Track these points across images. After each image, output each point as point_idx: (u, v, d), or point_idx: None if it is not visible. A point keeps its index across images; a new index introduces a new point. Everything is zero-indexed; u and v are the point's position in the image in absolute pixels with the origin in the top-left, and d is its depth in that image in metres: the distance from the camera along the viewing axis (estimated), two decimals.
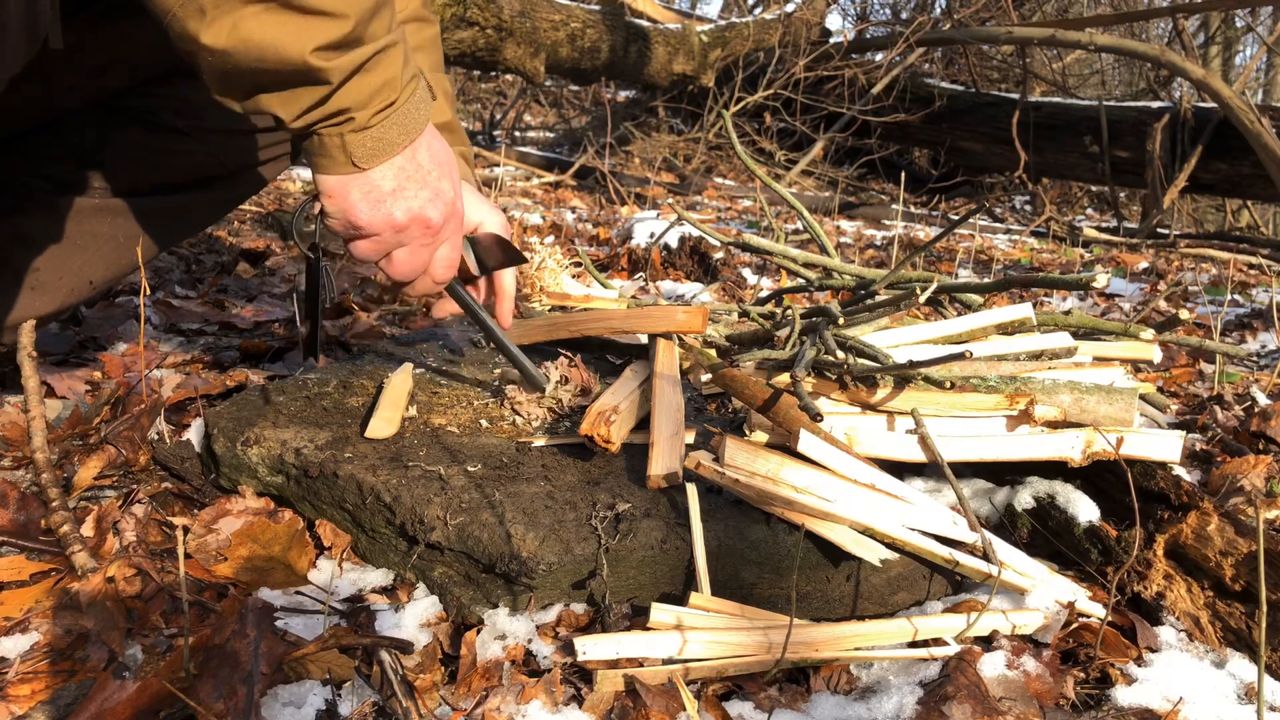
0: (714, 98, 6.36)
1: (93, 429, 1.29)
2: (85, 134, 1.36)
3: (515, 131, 8.16)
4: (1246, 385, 2.10)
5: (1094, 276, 1.15)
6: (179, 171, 1.42)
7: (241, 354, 1.79)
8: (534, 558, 0.94)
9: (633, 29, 5.91)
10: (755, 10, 7.94)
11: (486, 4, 4.83)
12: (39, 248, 1.35)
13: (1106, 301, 3.36)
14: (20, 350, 1.07)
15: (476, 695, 0.85)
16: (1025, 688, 0.89)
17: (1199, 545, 1.03)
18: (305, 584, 1.01)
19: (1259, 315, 3.06)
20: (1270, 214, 8.21)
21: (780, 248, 1.72)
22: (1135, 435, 1.11)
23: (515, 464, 1.10)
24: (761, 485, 0.97)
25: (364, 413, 1.21)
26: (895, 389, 1.12)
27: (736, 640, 0.90)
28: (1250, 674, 0.96)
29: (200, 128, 1.41)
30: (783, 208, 5.60)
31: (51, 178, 1.35)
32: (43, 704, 0.78)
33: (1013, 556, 1.05)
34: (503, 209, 1.50)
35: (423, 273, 1.07)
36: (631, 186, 5.52)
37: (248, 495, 1.10)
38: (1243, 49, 11.30)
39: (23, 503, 1.04)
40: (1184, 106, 5.61)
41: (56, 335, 1.76)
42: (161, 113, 1.39)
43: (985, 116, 6.49)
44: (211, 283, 2.38)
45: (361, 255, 1.03)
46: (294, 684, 0.83)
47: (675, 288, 2.79)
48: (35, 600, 0.92)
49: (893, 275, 1.49)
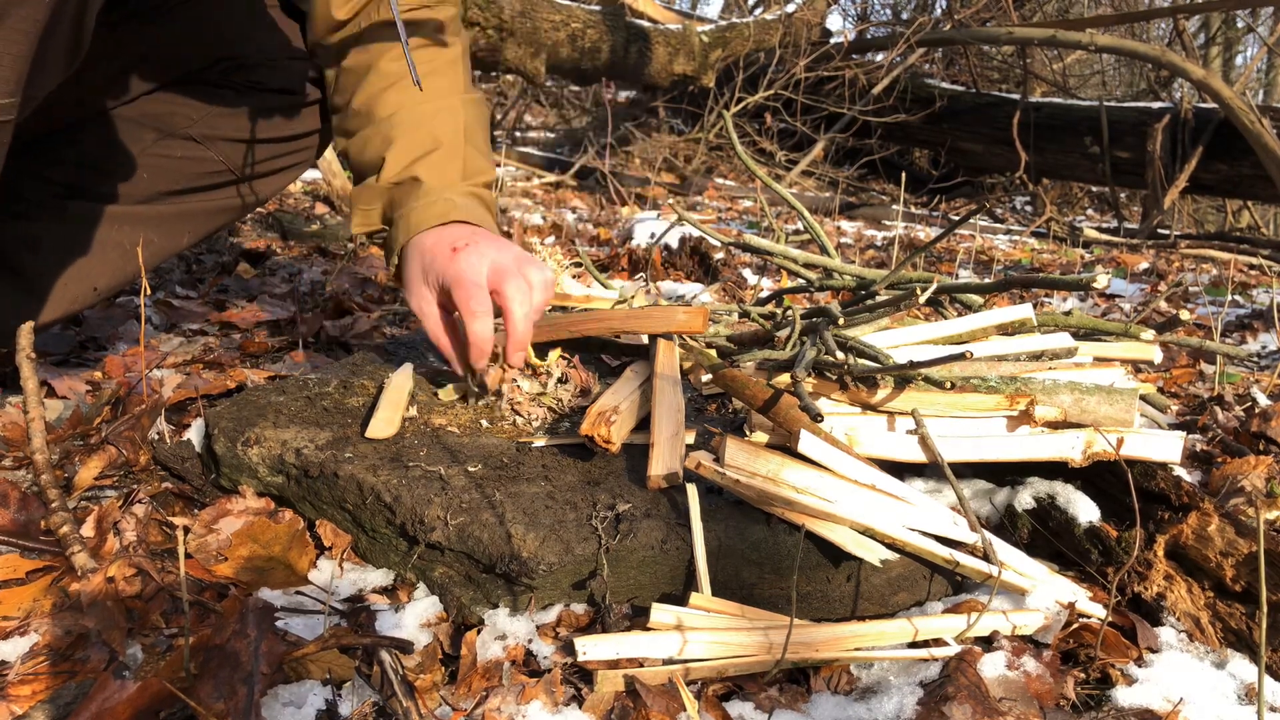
0: (714, 98, 6.36)
1: (93, 429, 1.29)
2: (95, 139, 1.36)
3: (516, 132, 8.16)
4: (1247, 386, 2.10)
5: (1094, 277, 1.15)
6: (188, 179, 1.42)
7: (242, 354, 1.79)
8: (534, 558, 0.94)
9: (633, 29, 5.91)
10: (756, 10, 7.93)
11: (487, 4, 4.84)
12: (46, 253, 1.35)
13: (1107, 302, 3.36)
14: (19, 352, 1.07)
15: (477, 695, 0.85)
16: (1026, 688, 0.89)
17: (1199, 546, 1.03)
18: (306, 584, 1.01)
19: (1259, 316, 3.06)
20: (1271, 214, 8.20)
21: (781, 248, 1.72)
22: (1136, 436, 1.11)
23: (516, 464, 1.10)
24: (762, 485, 0.97)
25: (364, 413, 1.21)
26: (896, 389, 1.12)
27: (737, 640, 0.90)
28: (1250, 674, 0.95)
29: (211, 135, 1.41)
30: (783, 208, 5.61)
31: (60, 183, 1.35)
32: (43, 704, 0.78)
33: (1013, 557, 1.05)
34: (503, 209, 1.50)
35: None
36: (632, 187, 5.52)
37: (248, 495, 1.10)
38: (1243, 50, 11.30)
39: (23, 503, 1.04)
40: (1184, 107, 5.61)
41: (57, 336, 1.76)
42: (173, 119, 1.39)
43: (986, 117, 6.49)
44: (212, 283, 2.38)
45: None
46: (294, 684, 0.83)
47: (676, 288, 2.79)
48: (33, 599, 0.92)
49: (893, 276, 1.49)
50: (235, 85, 1.40)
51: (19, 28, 0.91)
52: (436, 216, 1.22)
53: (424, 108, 1.30)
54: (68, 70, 1.03)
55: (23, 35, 0.91)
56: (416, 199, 1.25)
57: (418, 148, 1.27)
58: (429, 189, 1.25)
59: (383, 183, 1.28)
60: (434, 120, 1.29)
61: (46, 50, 0.95)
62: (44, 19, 0.92)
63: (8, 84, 0.93)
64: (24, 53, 0.92)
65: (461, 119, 1.32)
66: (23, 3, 0.90)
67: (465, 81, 1.37)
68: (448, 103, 1.32)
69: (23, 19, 0.90)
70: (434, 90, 1.32)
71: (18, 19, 0.90)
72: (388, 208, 1.29)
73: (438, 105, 1.31)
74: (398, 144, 1.27)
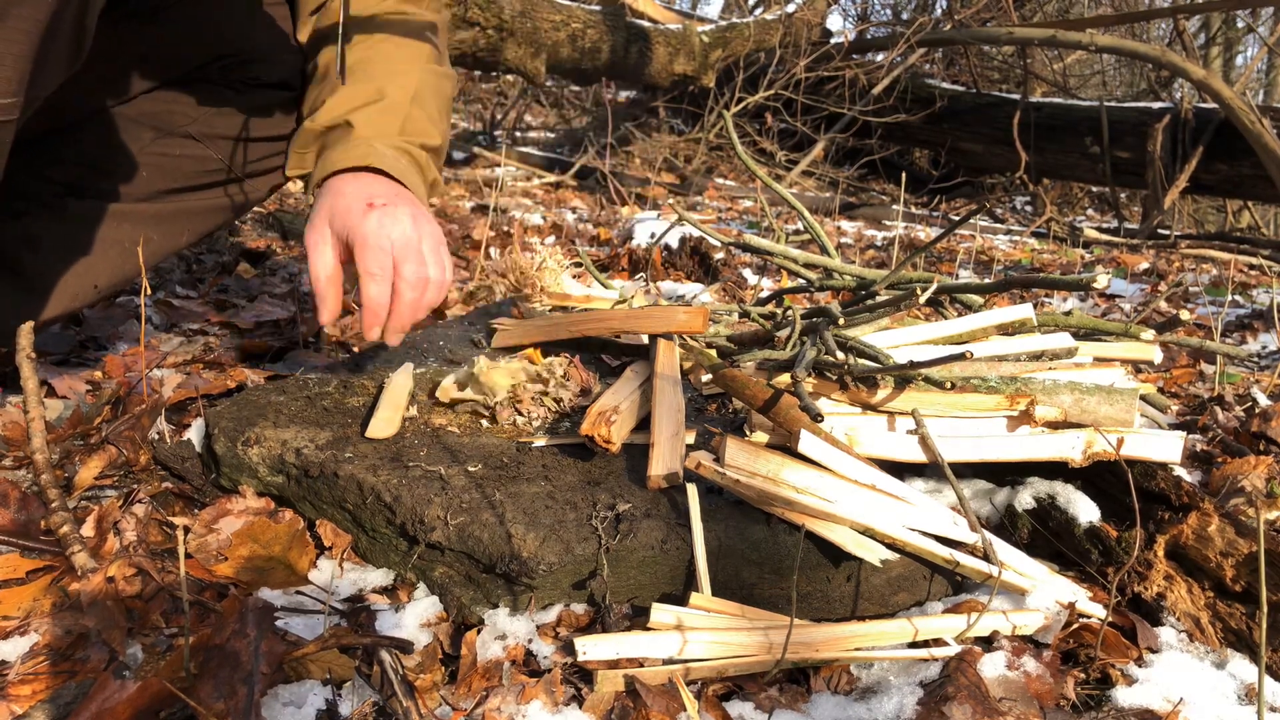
0: (715, 98, 6.36)
1: (93, 429, 1.29)
2: (95, 138, 1.36)
3: (516, 132, 8.16)
4: (1247, 386, 2.10)
5: (1094, 277, 1.15)
6: (187, 176, 1.43)
7: (242, 354, 1.79)
8: (534, 558, 0.94)
9: (633, 29, 5.91)
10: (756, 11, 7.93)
11: (487, 4, 4.84)
12: (45, 251, 1.35)
13: (1107, 302, 3.36)
14: (19, 352, 1.07)
15: (477, 695, 0.85)
16: (1026, 688, 0.89)
17: (1199, 546, 1.03)
18: (306, 584, 1.01)
19: (1259, 316, 3.06)
20: (1271, 215, 8.20)
21: (781, 248, 1.72)
22: (1136, 436, 1.11)
23: (516, 464, 1.10)
24: (762, 486, 0.97)
25: (364, 413, 1.21)
26: (896, 389, 1.12)
27: (737, 640, 0.90)
28: (1250, 675, 0.95)
29: (209, 133, 1.41)
30: (783, 208, 5.60)
31: (60, 181, 1.35)
32: (43, 703, 0.78)
33: (1013, 557, 1.05)
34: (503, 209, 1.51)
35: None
36: (632, 187, 5.52)
37: (248, 495, 1.10)
38: (1244, 50, 11.30)
39: (23, 503, 1.04)
40: (1185, 107, 5.61)
41: (57, 335, 1.76)
42: (171, 118, 1.39)
43: (986, 117, 6.48)
44: (212, 283, 2.38)
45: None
46: (294, 684, 0.83)
47: (676, 288, 2.79)
48: (33, 599, 0.92)
49: (893, 276, 1.49)
50: (233, 83, 1.40)
51: (20, 27, 0.91)
52: (356, 159, 1.20)
53: (377, 66, 1.30)
54: (69, 70, 1.03)
55: (24, 35, 0.91)
56: (344, 142, 1.24)
57: (359, 98, 1.27)
58: (358, 136, 1.24)
59: (317, 125, 1.27)
60: (385, 78, 1.29)
61: (48, 50, 0.95)
62: (45, 19, 0.92)
63: (9, 84, 0.93)
64: (25, 53, 0.92)
65: (415, 82, 1.31)
66: (24, 1, 0.90)
67: (433, 55, 1.37)
68: (405, 67, 1.32)
69: (23, 18, 0.91)
70: (395, 55, 1.32)
71: (18, 18, 0.90)
72: (319, 150, 1.29)
73: (393, 67, 1.31)
74: (341, 92, 1.27)
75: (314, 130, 1.28)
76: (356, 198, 1.16)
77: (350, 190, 1.17)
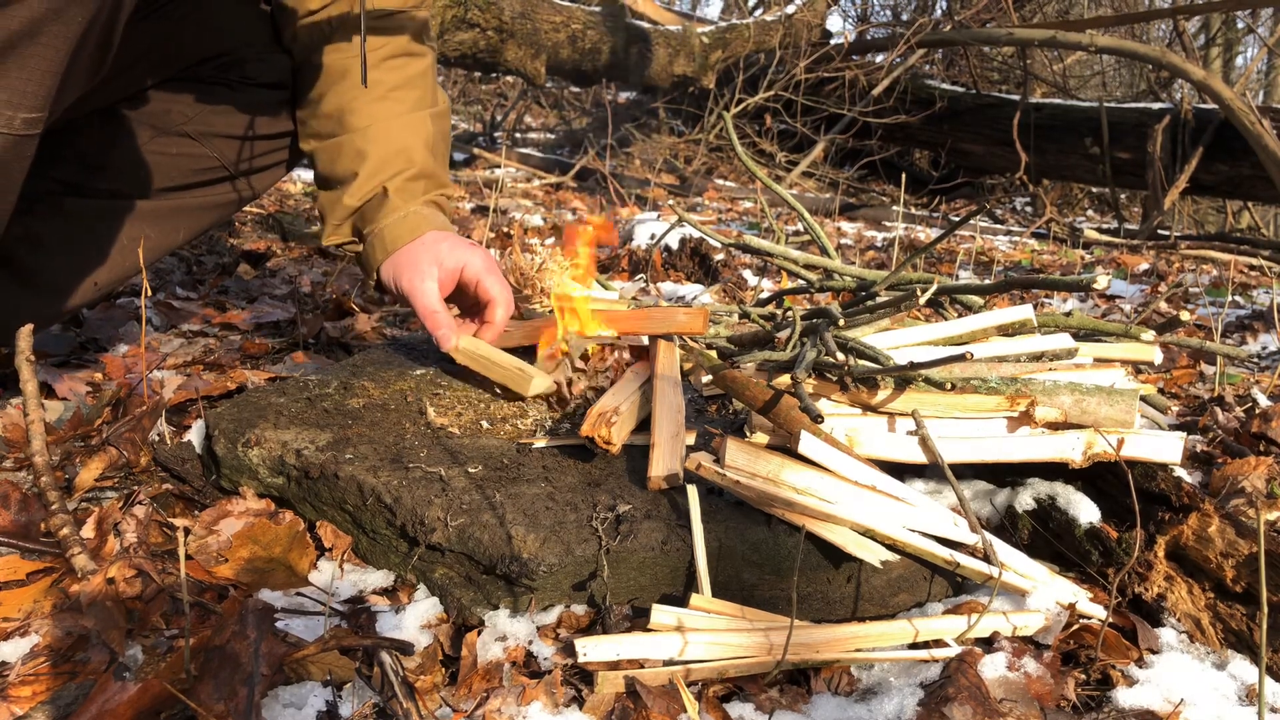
0: (715, 99, 6.37)
1: (94, 430, 1.29)
2: (94, 136, 1.36)
3: (516, 133, 8.17)
4: (1247, 387, 2.10)
5: (1095, 278, 1.15)
6: (184, 175, 1.43)
7: (242, 355, 1.79)
8: (535, 559, 0.94)
9: (633, 30, 5.91)
10: (756, 12, 7.94)
11: (487, 5, 4.84)
12: (45, 249, 1.35)
13: (1107, 303, 3.36)
14: (19, 354, 1.07)
15: (477, 696, 0.85)
16: (1026, 689, 0.89)
17: (1200, 547, 1.03)
18: (306, 585, 1.01)
19: (1260, 317, 3.06)
20: (1271, 215, 8.21)
21: (781, 249, 1.72)
22: (1136, 437, 1.11)
23: (516, 465, 1.10)
24: (762, 487, 0.97)
25: (364, 413, 1.21)
26: (896, 390, 1.12)
27: (737, 642, 0.90)
28: (1251, 675, 0.95)
29: (206, 132, 1.41)
30: (783, 209, 5.61)
31: (59, 179, 1.36)
32: (43, 704, 0.78)
33: (1013, 558, 1.05)
34: (503, 210, 1.54)
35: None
36: (632, 188, 5.52)
37: (248, 496, 1.10)
38: (1244, 50, 11.30)
39: (24, 504, 1.04)
40: (1185, 108, 5.61)
41: (57, 336, 1.76)
42: (169, 116, 1.39)
43: (986, 118, 6.49)
44: (212, 284, 2.38)
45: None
46: (294, 685, 0.83)
47: (676, 289, 2.79)
48: (33, 600, 0.92)
49: (893, 276, 1.49)
50: (229, 81, 1.41)
51: (51, 44, 0.92)
52: (410, 231, 1.33)
53: (395, 123, 1.38)
54: (92, 82, 1.04)
55: (54, 52, 0.93)
56: (386, 214, 1.35)
57: (389, 168, 1.36)
58: (394, 205, 1.35)
59: (354, 200, 1.37)
60: (405, 136, 1.38)
61: (75, 65, 0.96)
62: (76, 36, 0.93)
63: (36, 98, 0.94)
64: (55, 69, 0.94)
65: (430, 135, 1.41)
66: (58, 18, 0.90)
67: (434, 94, 1.46)
68: (418, 117, 1.40)
69: (55, 35, 0.92)
70: (405, 103, 1.39)
71: (50, 35, 0.91)
72: (358, 221, 1.38)
73: (408, 120, 1.39)
74: (370, 161, 1.36)
75: (350, 206, 1.38)
76: (432, 247, 1.32)
77: (421, 253, 1.32)
